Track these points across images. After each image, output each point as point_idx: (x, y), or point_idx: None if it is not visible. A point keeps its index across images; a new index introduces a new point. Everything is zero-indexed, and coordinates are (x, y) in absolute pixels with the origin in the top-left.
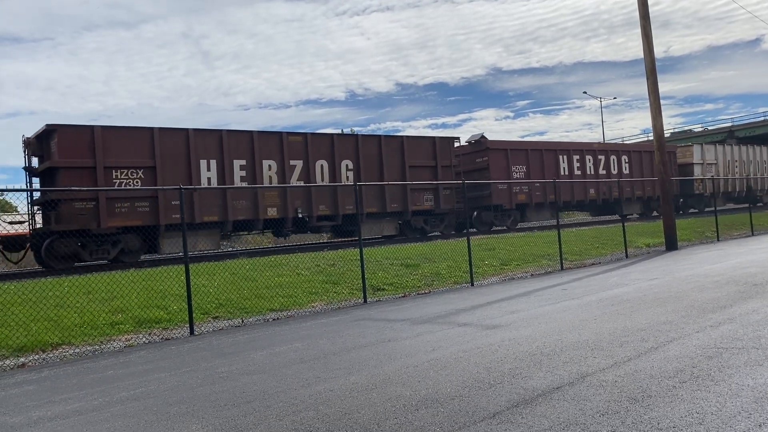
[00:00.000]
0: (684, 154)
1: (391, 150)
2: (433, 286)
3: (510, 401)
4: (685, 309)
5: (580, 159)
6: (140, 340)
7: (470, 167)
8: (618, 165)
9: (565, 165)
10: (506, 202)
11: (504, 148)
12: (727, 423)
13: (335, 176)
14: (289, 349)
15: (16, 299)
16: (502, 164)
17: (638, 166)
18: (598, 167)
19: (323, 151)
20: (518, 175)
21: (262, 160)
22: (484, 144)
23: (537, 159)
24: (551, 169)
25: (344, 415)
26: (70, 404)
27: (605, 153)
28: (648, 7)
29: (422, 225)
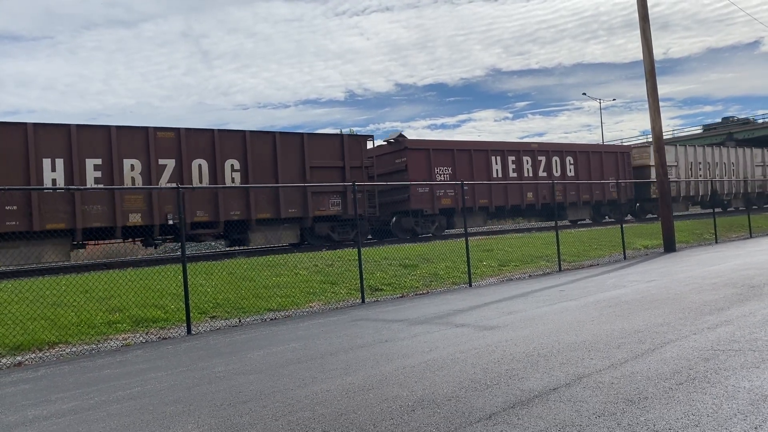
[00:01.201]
0: (640, 155)
1: (289, 149)
2: (432, 287)
3: (506, 402)
4: (682, 311)
5: (516, 160)
6: (137, 340)
7: (389, 169)
8: (561, 167)
9: (499, 167)
10: (428, 206)
11: (425, 147)
12: (723, 425)
13: (217, 178)
14: (286, 349)
15: (13, 297)
16: (422, 165)
17: (585, 169)
18: (538, 169)
19: (202, 149)
20: (442, 177)
21: (122, 159)
22: (402, 143)
23: (465, 160)
24: (482, 171)
25: (340, 415)
26: (67, 403)
27: (546, 154)
28: (647, 9)
29: (328, 232)
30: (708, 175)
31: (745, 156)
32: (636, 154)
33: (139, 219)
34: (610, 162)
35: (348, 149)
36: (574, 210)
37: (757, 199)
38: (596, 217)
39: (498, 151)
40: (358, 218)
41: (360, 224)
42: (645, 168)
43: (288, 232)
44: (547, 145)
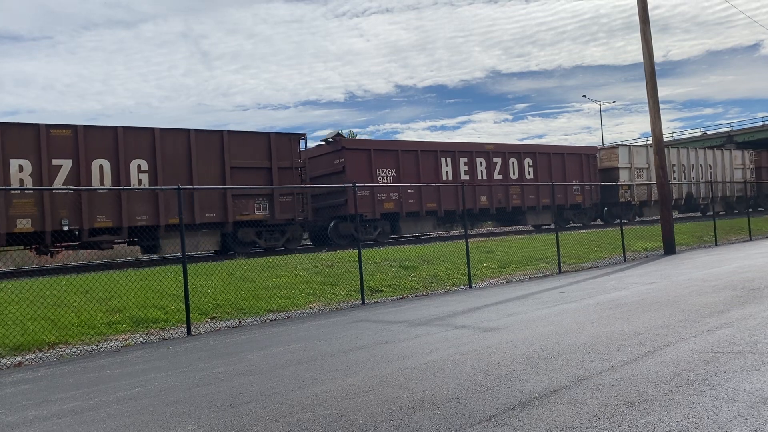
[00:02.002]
0: (608, 157)
1: (207, 148)
2: (431, 288)
3: (506, 404)
4: (682, 313)
5: (468, 162)
6: (137, 340)
7: (327, 170)
8: (519, 169)
9: (449, 168)
10: (368, 211)
11: (365, 148)
12: (723, 428)
13: (121, 179)
14: (286, 350)
15: (13, 298)
16: (362, 167)
17: (545, 171)
18: (493, 171)
19: (104, 149)
20: (385, 179)
21: (9, 160)
22: (339, 143)
23: (411, 161)
24: (430, 173)
25: (340, 416)
26: (67, 403)
27: (502, 155)
28: (648, 12)
29: (254, 238)
30: (682, 178)
31: (723, 158)
32: (604, 156)
33: (28, 225)
34: (574, 164)
35: (276, 149)
36: (534, 215)
37: (737, 203)
38: (559, 222)
39: (448, 152)
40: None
41: (291, 229)
42: (613, 170)
43: (207, 238)
44: (504, 146)
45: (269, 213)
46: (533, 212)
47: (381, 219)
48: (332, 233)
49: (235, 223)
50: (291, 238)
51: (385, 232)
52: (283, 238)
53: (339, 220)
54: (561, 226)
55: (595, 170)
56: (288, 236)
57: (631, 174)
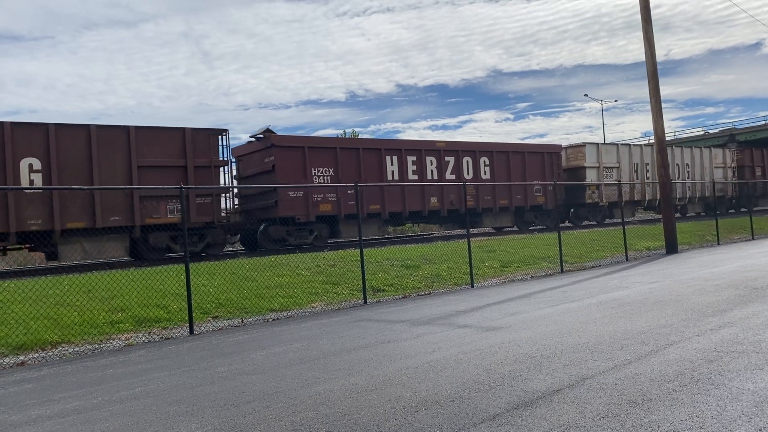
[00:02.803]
0: (575, 156)
1: (110, 145)
2: (434, 288)
3: (510, 403)
4: (685, 312)
5: (417, 161)
6: (140, 339)
7: (258, 169)
8: (474, 168)
9: (395, 168)
10: (301, 213)
11: (298, 145)
12: (727, 427)
13: (8, 179)
14: (289, 350)
15: (16, 297)
16: (294, 165)
17: (503, 171)
18: (444, 171)
19: None
20: (321, 179)
21: None
22: (269, 140)
23: (351, 160)
24: (373, 172)
25: (344, 416)
26: (70, 403)
27: (455, 154)
28: (650, 11)
29: (168, 243)
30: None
31: (702, 156)
32: (571, 155)
33: None
34: (535, 163)
35: (193, 146)
36: (492, 217)
37: (717, 203)
38: (520, 225)
39: (394, 151)
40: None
41: (212, 233)
42: (579, 170)
43: (113, 243)
44: (457, 144)
45: None
46: (490, 214)
47: (317, 222)
48: (261, 237)
49: (145, 227)
50: (212, 243)
51: (323, 236)
52: (202, 243)
53: (269, 223)
54: (521, 228)
55: (559, 170)
56: (208, 241)
57: (600, 174)
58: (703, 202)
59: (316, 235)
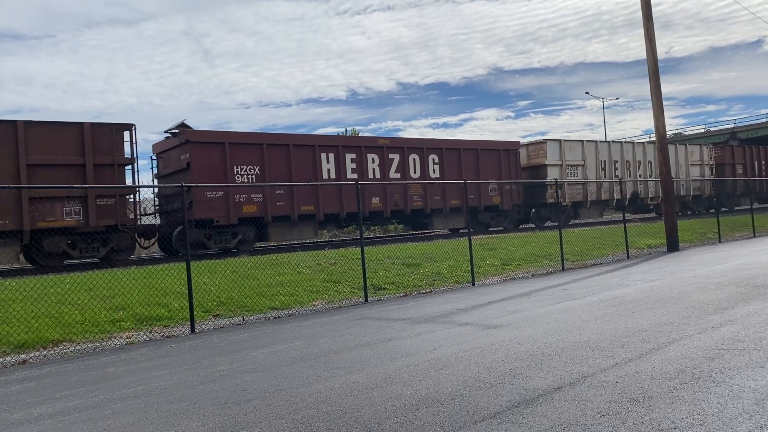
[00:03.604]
0: (536, 153)
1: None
2: (435, 286)
3: (511, 401)
4: (686, 310)
5: (357, 158)
6: (141, 338)
7: (175, 167)
8: (422, 167)
9: (331, 166)
10: (221, 215)
11: (218, 141)
12: (728, 424)
13: None
14: (290, 348)
15: (17, 296)
16: (213, 163)
17: (454, 169)
18: (388, 170)
19: None
20: (246, 178)
21: None
22: (183, 135)
23: (280, 157)
24: (306, 171)
25: (345, 413)
26: (71, 401)
27: (400, 151)
28: (651, 8)
29: (65, 249)
30: (627, 176)
31: (677, 153)
32: (532, 152)
33: None
34: (491, 161)
35: (92, 143)
36: (443, 218)
37: (694, 202)
38: (475, 227)
39: (330, 147)
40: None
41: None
42: (540, 168)
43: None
44: (402, 141)
45: (83, 218)
46: (440, 215)
47: (240, 224)
48: (176, 241)
49: (36, 232)
50: (117, 249)
51: (248, 240)
52: (105, 249)
53: None
54: (476, 230)
55: (517, 168)
56: (112, 246)
57: (563, 172)
58: (679, 201)
59: (241, 238)
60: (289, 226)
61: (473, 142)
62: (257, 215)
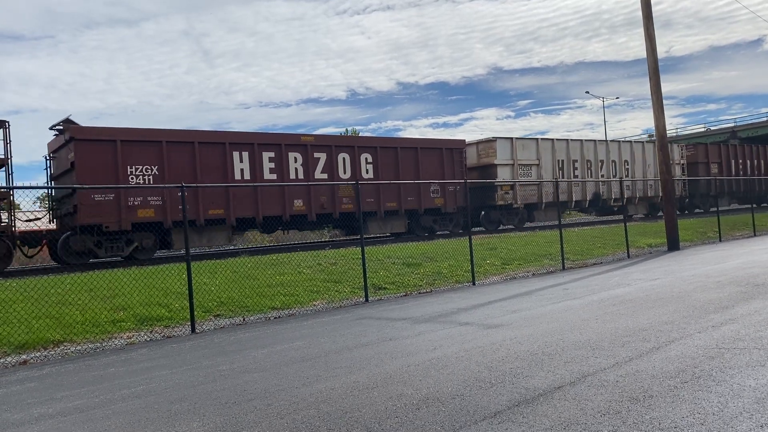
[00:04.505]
0: (486, 152)
1: None
2: (435, 285)
3: (511, 400)
4: (686, 309)
5: (276, 157)
6: (142, 338)
7: (64, 167)
8: (353, 167)
9: (245, 166)
10: (111, 220)
11: (108, 138)
12: (728, 423)
13: None
14: (291, 348)
15: (18, 296)
16: (102, 163)
17: (390, 170)
18: (313, 170)
19: None
20: (142, 179)
21: None
22: (68, 132)
23: (183, 156)
24: (214, 171)
25: (345, 413)
26: (72, 401)
27: (327, 150)
28: (651, 7)
29: None
30: (588, 176)
31: (645, 152)
32: (482, 151)
33: None
34: (432, 161)
35: None
36: (379, 222)
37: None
38: (417, 230)
39: (244, 145)
40: None
41: None
42: (490, 168)
43: None
44: (329, 139)
45: None
46: (375, 219)
47: (136, 230)
48: (62, 249)
49: None
50: None
51: (146, 248)
52: None
53: (73, 233)
54: (420, 234)
55: (462, 168)
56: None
57: (514, 172)
58: (647, 202)
59: (137, 246)
60: (196, 232)
61: (412, 140)
62: (155, 220)
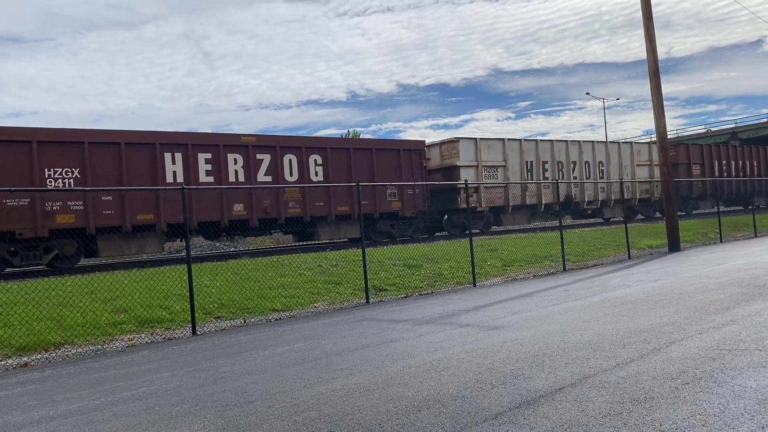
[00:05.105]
0: (449, 153)
1: None
2: (436, 287)
3: (512, 402)
4: (687, 310)
5: (213, 159)
6: (142, 340)
7: None
8: (301, 169)
9: (178, 168)
10: (25, 227)
11: (23, 138)
12: (729, 425)
13: None
14: (291, 350)
15: (19, 299)
16: (15, 165)
17: (343, 172)
18: (255, 172)
19: None
20: (61, 183)
21: None
22: None
23: (109, 158)
24: (143, 174)
25: (346, 415)
26: (73, 403)
27: (271, 151)
28: (651, 8)
29: None
30: (559, 177)
31: (621, 153)
32: (445, 152)
33: None
34: (389, 162)
35: None
36: (329, 227)
37: (642, 206)
38: (374, 236)
39: (177, 146)
40: None
41: None
42: (453, 169)
43: None
44: (273, 139)
45: None
46: (325, 223)
47: (55, 237)
48: None
49: None
50: None
51: (68, 255)
52: None
53: None
54: (376, 240)
55: (421, 169)
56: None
57: (479, 173)
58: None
59: (57, 254)
60: (124, 239)
61: (366, 140)
62: (77, 226)
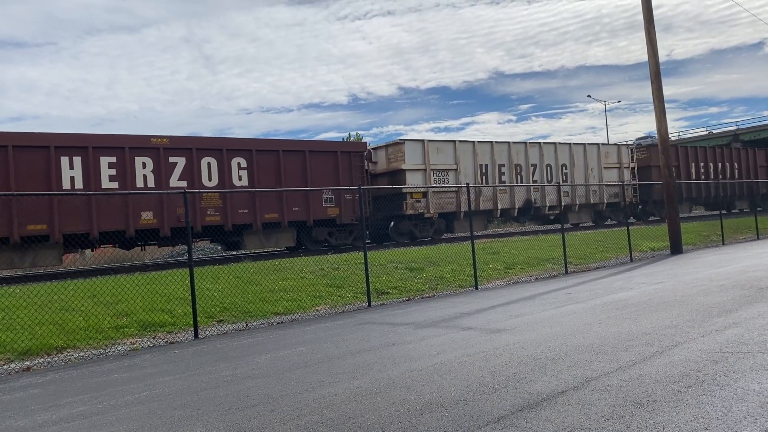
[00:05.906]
0: (395, 156)
1: None
2: (438, 290)
3: (514, 406)
4: (690, 313)
5: (118, 163)
6: (145, 344)
7: None
8: (221, 173)
9: (77, 173)
10: None
11: None
12: (732, 428)
13: None
14: (293, 353)
15: (21, 303)
16: None
17: (271, 177)
18: (166, 176)
19: None
20: None
21: None
22: None
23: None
24: (35, 179)
25: (348, 419)
26: (75, 408)
27: (186, 154)
28: (652, 11)
29: None
30: (517, 181)
31: (587, 155)
32: (391, 155)
33: None
34: (325, 166)
35: None
36: (257, 236)
37: (611, 211)
38: (308, 244)
39: (76, 149)
40: None
41: None
42: (398, 173)
43: None
44: (188, 141)
45: None
46: (251, 232)
47: None
48: None
49: None
50: None
51: None
52: None
53: None
54: (310, 249)
55: (362, 174)
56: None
57: (427, 177)
58: (591, 209)
59: None
60: (13, 250)
61: (298, 142)
62: None
